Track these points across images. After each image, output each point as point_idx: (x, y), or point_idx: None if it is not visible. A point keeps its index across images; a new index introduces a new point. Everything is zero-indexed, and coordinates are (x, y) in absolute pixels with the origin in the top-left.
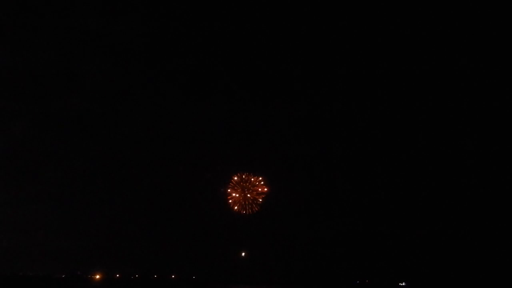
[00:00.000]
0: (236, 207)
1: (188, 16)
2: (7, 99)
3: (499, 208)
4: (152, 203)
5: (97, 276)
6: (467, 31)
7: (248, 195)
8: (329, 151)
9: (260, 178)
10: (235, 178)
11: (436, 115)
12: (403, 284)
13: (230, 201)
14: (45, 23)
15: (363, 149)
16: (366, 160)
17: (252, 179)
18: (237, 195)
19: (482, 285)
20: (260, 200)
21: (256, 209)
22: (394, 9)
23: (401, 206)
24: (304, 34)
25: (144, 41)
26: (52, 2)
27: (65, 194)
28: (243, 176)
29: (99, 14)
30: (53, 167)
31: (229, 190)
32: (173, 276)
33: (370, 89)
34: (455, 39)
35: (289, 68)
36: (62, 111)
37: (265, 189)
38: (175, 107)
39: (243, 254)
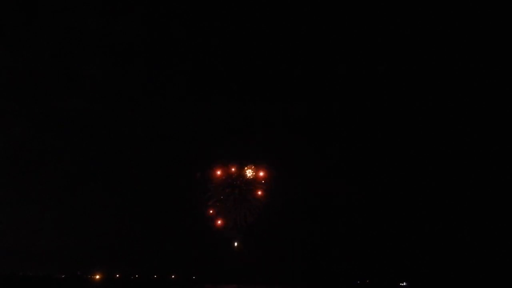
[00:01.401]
0: (220, 221)
1: (188, 16)
2: (7, 99)
3: (499, 208)
4: (152, 203)
5: (97, 276)
6: (467, 31)
7: (241, 199)
8: (329, 151)
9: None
10: (220, 172)
11: (436, 115)
12: (404, 284)
13: (211, 211)
14: (45, 23)
15: (363, 149)
16: (367, 160)
17: (248, 175)
18: (223, 197)
19: (482, 285)
20: (257, 206)
21: (252, 219)
22: (394, 9)
23: (401, 206)
24: (304, 34)
25: (144, 41)
26: (52, 2)
27: (65, 194)
28: (233, 169)
29: (99, 14)
30: (53, 167)
31: (209, 194)
32: (173, 276)
33: (370, 89)
34: (455, 39)
35: (289, 68)
36: (62, 111)
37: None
38: (175, 107)
39: (235, 244)
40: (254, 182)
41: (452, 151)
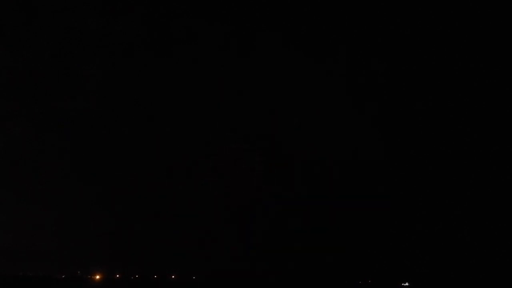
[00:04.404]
0: None
1: (188, 16)
2: (7, 99)
3: (499, 208)
4: (152, 203)
5: (97, 276)
6: (467, 31)
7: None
8: (329, 150)
9: None
10: None
11: (436, 115)
12: (406, 284)
13: None
14: (45, 23)
15: (363, 149)
16: (367, 160)
17: None
18: None
19: (482, 285)
20: None
21: None
22: (394, 9)
23: (402, 206)
24: (304, 33)
25: (144, 41)
26: (52, 2)
27: (65, 194)
28: None
29: (99, 14)
30: (52, 167)
31: None
32: (173, 276)
33: (370, 89)
34: (455, 39)
35: (289, 67)
36: (62, 111)
37: None
38: (175, 106)
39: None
40: None
41: (452, 151)
